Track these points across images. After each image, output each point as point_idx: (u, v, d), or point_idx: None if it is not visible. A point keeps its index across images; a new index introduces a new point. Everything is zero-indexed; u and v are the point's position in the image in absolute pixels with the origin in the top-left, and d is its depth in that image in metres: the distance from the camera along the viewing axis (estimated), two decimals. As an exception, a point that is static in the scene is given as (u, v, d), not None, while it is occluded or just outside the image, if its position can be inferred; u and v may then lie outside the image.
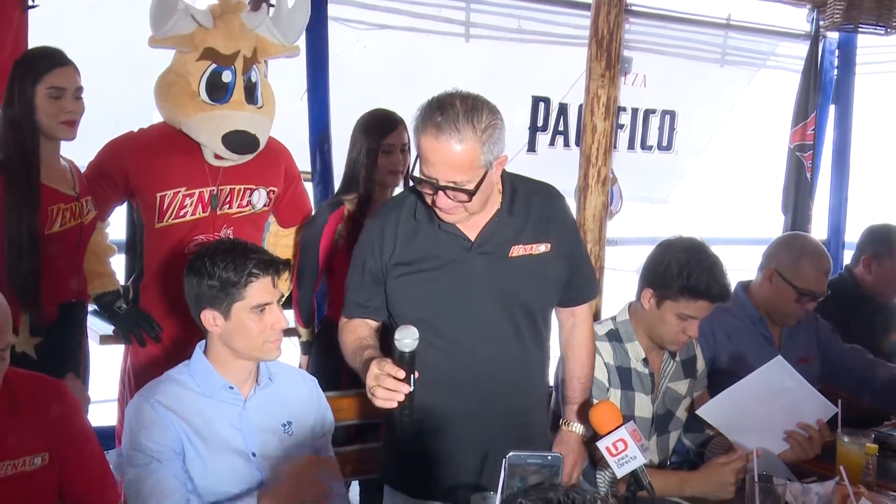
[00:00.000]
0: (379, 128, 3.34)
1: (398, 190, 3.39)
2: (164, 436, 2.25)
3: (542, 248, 2.45)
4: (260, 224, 3.31)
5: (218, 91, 3.04)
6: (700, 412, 2.75)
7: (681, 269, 2.63)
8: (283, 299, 2.74)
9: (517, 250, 2.42)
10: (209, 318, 2.33)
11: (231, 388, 2.38)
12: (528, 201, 2.45)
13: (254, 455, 2.36)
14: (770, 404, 2.73)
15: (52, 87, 2.88)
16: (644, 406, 2.79)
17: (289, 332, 2.86)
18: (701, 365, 2.96)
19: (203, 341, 2.43)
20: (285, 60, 4.59)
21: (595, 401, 2.69)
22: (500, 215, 2.40)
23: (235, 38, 3.05)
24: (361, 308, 2.49)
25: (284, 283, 3.11)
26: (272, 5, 3.52)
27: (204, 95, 3.03)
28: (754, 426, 2.63)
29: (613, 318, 2.87)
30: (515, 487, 2.06)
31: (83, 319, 3.20)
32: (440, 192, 2.25)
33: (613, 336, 2.81)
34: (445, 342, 2.40)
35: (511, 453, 2.05)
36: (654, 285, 2.71)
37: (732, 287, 2.73)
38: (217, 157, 3.06)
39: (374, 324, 2.52)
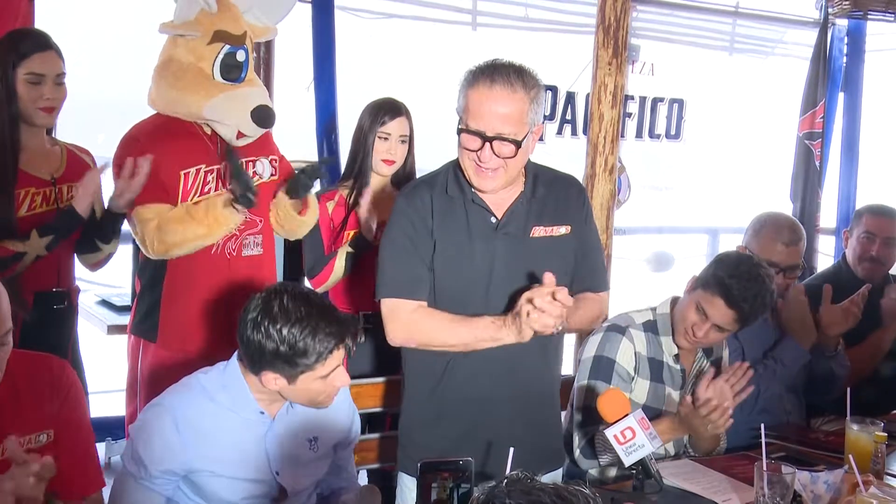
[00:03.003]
0: (378, 114, 3.31)
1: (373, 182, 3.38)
2: (169, 459, 2.16)
3: (563, 230, 2.50)
4: (269, 194, 3.26)
5: (234, 71, 3.03)
6: None
7: (721, 267, 2.69)
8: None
9: (538, 231, 2.46)
10: (270, 378, 2.16)
11: (262, 412, 2.26)
12: (549, 187, 2.49)
13: (277, 474, 2.28)
14: None
15: (31, 72, 2.87)
16: (674, 402, 2.79)
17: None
18: (727, 362, 2.97)
19: (238, 356, 2.27)
20: (294, 51, 4.58)
21: (632, 400, 2.70)
22: (523, 196, 2.44)
23: (240, 20, 3.06)
24: (415, 283, 2.44)
25: None
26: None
27: (219, 77, 3.02)
28: None
29: (653, 309, 2.90)
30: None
31: (67, 311, 3.12)
32: (486, 146, 2.29)
33: (650, 327, 2.84)
34: None
35: (423, 459, 2.08)
36: (698, 275, 2.77)
37: (758, 306, 2.71)
38: (240, 135, 3.05)
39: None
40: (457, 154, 2.43)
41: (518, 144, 2.30)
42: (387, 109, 3.30)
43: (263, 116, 3.02)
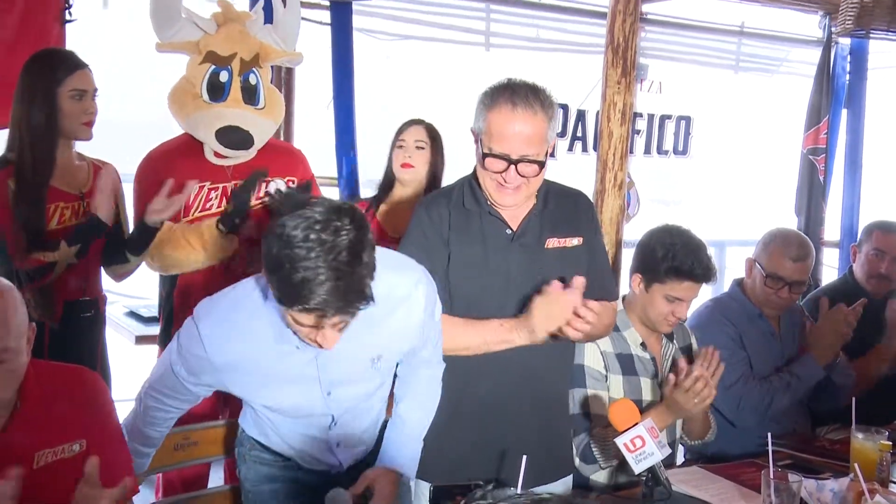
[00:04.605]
0: (398, 130, 3.38)
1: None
2: (198, 379, 2.15)
3: (576, 241, 2.51)
4: None
5: (216, 91, 3.07)
6: None
7: (665, 253, 2.69)
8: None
9: (552, 242, 2.47)
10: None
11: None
12: (559, 200, 2.50)
13: (329, 395, 2.16)
14: None
15: (75, 89, 2.90)
16: (650, 390, 2.79)
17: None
18: (697, 349, 2.95)
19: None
20: (314, 71, 4.60)
21: (606, 397, 2.69)
22: (536, 209, 2.45)
23: (233, 42, 3.08)
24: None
25: None
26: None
27: (205, 96, 3.06)
28: None
29: None
30: None
31: (94, 319, 3.13)
32: (511, 168, 2.29)
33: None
34: None
35: (435, 485, 2.11)
36: (641, 270, 2.77)
37: (722, 273, 2.74)
38: (216, 154, 3.07)
39: None
40: (472, 168, 2.45)
41: (542, 164, 2.32)
42: (406, 124, 3.36)
43: (228, 137, 3.04)
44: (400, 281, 2.13)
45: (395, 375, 2.38)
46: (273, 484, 2.31)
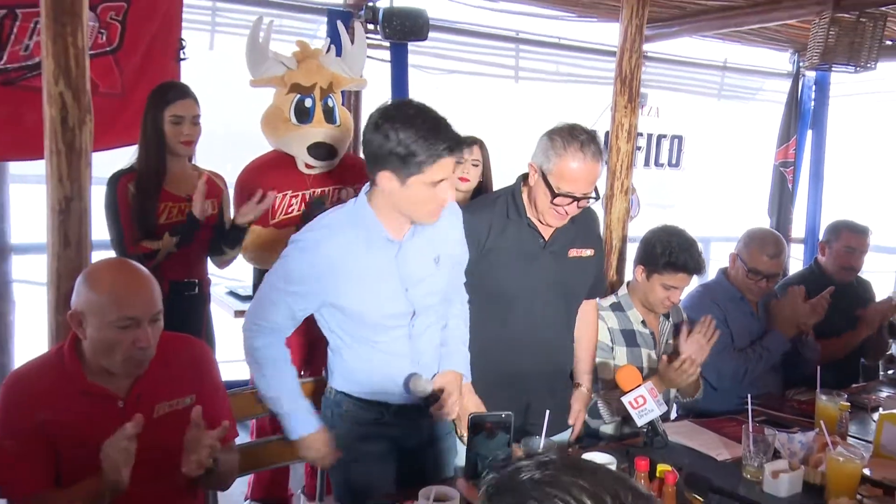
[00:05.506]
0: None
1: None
2: (304, 292, 2.03)
3: (589, 252, 2.49)
4: None
5: (303, 115, 3.07)
6: None
7: (664, 249, 2.65)
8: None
9: (573, 252, 2.45)
10: (385, 176, 1.93)
11: (390, 240, 2.03)
12: (579, 218, 2.42)
13: (407, 291, 2.07)
14: None
15: (174, 115, 2.93)
16: (649, 359, 2.75)
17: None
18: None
19: (366, 190, 2.06)
20: (377, 98, 4.57)
21: (613, 365, 2.66)
22: (564, 225, 2.39)
23: (312, 74, 3.08)
24: None
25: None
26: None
27: (293, 119, 3.06)
28: None
29: (616, 293, 2.85)
30: (479, 443, 2.05)
31: (197, 297, 3.14)
32: (573, 203, 2.26)
33: (617, 307, 2.79)
34: (518, 316, 2.39)
35: (472, 413, 2.07)
36: (644, 262, 2.72)
37: (708, 264, 2.70)
38: (307, 165, 3.07)
39: None
40: (515, 180, 2.42)
41: (597, 197, 2.29)
42: (466, 144, 3.33)
43: (317, 151, 3.05)
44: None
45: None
46: (366, 441, 2.17)
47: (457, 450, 2.34)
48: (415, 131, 1.85)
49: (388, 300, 2.05)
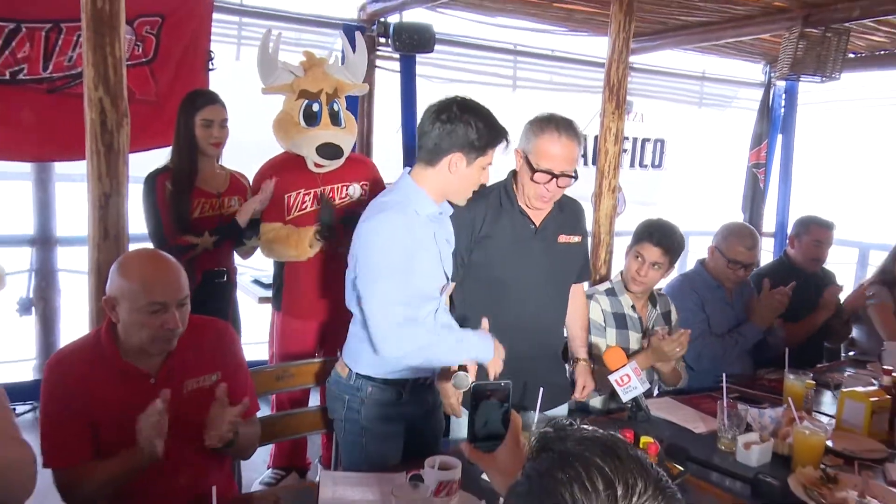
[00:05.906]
0: None
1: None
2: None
3: (576, 239, 2.47)
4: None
5: (310, 118, 3.05)
6: None
7: (643, 226, 2.72)
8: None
9: (563, 238, 2.42)
10: (457, 158, 1.97)
11: (440, 214, 2.07)
12: (565, 206, 2.43)
13: (442, 263, 2.09)
14: None
15: (204, 119, 2.94)
16: (635, 341, 2.74)
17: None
18: (675, 317, 2.89)
19: (407, 172, 2.05)
20: (387, 105, 4.57)
21: (604, 343, 2.65)
22: (553, 212, 2.39)
23: (319, 81, 3.06)
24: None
25: None
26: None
27: (302, 123, 3.04)
28: None
29: (610, 280, 2.85)
30: (486, 408, 1.94)
31: (226, 285, 3.16)
32: (553, 181, 2.25)
33: (610, 292, 2.79)
34: (512, 300, 2.37)
35: (474, 382, 1.94)
36: (632, 240, 2.75)
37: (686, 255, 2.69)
38: (317, 164, 3.06)
39: None
40: (507, 175, 2.40)
41: (575, 177, 2.28)
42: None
43: (325, 151, 3.03)
44: None
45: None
46: (385, 421, 2.12)
47: (444, 421, 2.34)
48: (485, 121, 1.97)
49: (432, 265, 2.06)
